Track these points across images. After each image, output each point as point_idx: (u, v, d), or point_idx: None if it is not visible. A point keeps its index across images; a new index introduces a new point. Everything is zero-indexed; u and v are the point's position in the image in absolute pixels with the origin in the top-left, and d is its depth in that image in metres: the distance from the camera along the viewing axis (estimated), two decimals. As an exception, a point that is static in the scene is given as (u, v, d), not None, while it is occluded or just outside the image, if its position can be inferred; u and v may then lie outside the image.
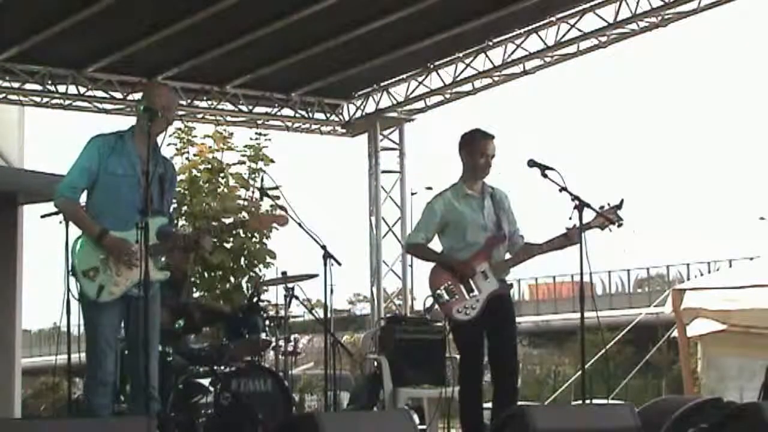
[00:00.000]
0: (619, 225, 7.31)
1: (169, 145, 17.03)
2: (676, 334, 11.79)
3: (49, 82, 12.75)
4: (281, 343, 9.12)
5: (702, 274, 28.27)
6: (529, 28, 12.35)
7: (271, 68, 12.90)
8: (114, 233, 6.01)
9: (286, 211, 7.25)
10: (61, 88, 12.86)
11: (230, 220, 17.01)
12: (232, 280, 17.13)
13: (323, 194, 62.30)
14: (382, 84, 13.92)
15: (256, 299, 9.06)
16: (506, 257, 7.44)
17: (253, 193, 17.31)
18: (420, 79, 13.60)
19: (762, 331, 10.77)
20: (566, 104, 74.09)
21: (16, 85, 12.68)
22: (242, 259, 17.11)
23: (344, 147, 16.44)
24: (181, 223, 16.28)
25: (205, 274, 16.92)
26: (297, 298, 9.09)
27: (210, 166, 17.59)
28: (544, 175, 7.05)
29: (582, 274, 6.90)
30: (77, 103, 13.07)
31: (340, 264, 7.73)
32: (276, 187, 7.62)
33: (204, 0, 10.86)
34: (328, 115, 14.49)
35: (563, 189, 6.95)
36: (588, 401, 7.09)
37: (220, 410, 8.11)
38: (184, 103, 13.58)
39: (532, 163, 7.16)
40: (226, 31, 11.76)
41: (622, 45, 12.17)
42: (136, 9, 11.07)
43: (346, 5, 11.06)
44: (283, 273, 9.18)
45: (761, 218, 35.25)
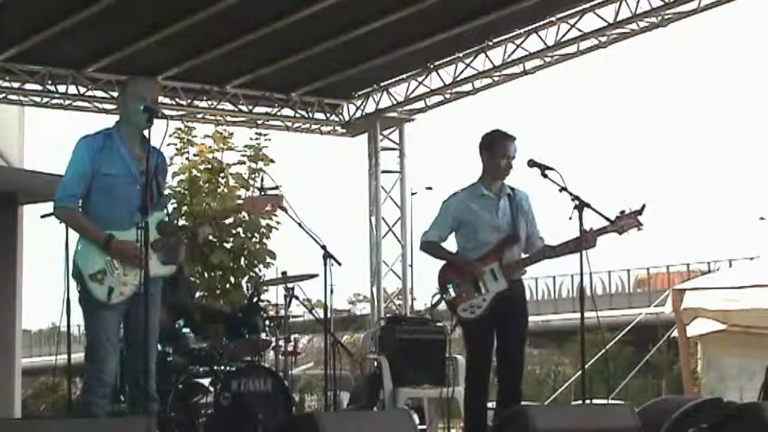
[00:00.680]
0: (639, 229, 7.28)
1: (169, 145, 17.06)
2: (676, 334, 11.79)
3: (49, 82, 12.75)
4: (281, 343, 9.11)
5: (702, 274, 28.24)
6: (529, 28, 12.36)
7: (271, 68, 12.91)
8: (115, 233, 5.97)
9: (287, 211, 7.25)
10: (61, 88, 12.87)
11: (230, 220, 17.06)
12: (232, 280, 17.14)
13: (323, 194, 62.30)
14: (382, 84, 13.92)
15: (256, 299, 9.05)
16: (523, 256, 7.42)
17: (253, 193, 17.30)
18: (420, 79, 13.61)
19: (762, 331, 10.77)
20: (566, 104, 74.16)
21: (16, 85, 12.69)
22: (242, 259, 17.12)
23: (344, 147, 16.46)
24: (182, 222, 16.27)
25: (205, 274, 16.93)
26: (297, 298, 9.08)
27: (210, 166, 17.60)
28: (544, 175, 7.05)
29: (582, 274, 6.90)
30: (77, 103, 13.08)
31: (340, 264, 7.74)
32: (276, 187, 7.62)
33: (204, 0, 10.87)
34: (328, 115, 14.49)
35: (563, 189, 6.95)
36: (588, 401, 7.09)
37: (220, 410, 8.10)
38: (184, 103, 13.59)
39: (532, 163, 7.16)
40: (226, 31, 11.77)
41: (622, 45, 12.21)
42: (136, 9, 11.07)
43: (346, 5, 11.06)
44: (283, 273, 9.17)
45: (761, 218, 35.27)
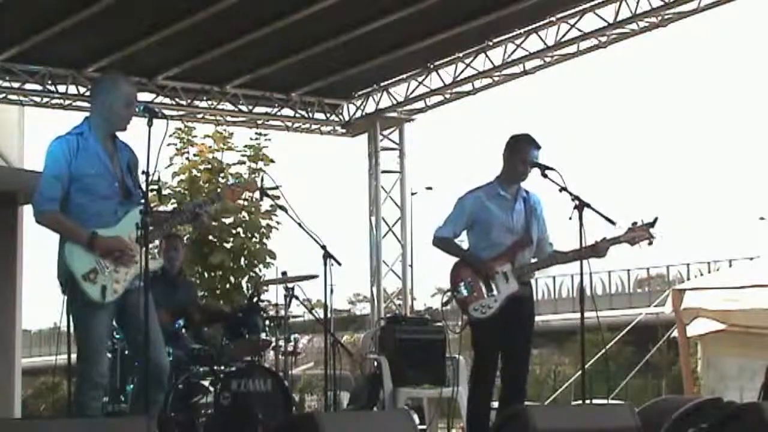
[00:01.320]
0: (650, 243, 7.31)
1: (169, 145, 17.05)
2: (676, 334, 11.79)
3: (49, 82, 12.75)
4: (281, 343, 9.11)
5: (702, 274, 28.25)
6: (529, 28, 12.36)
7: (271, 68, 12.90)
8: (101, 231, 5.89)
9: (287, 211, 7.24)
10: (61, 88, 12.86)
11: (230, 220, 17.07)
12: (232, 280, 17.13)
13: (323, 194, 62.33)
14: (382, 84, 13.92)
15: (256, 299, 9.05)
16: (533, 260, 7.44)
17: (253, 193, 17.29)
18: (420, 79, 13.61)
19: (762, 331, 10.77)
20: (566, 104, 74.16)
21: (16, 85, 12.68)
22: (242, 259, 17.12)
23: (344, 147, 16.46)
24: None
25: (205, 274, 16.92)
26: (297, 298, 9.07)
27: (210, 166, 17.59)
28: (545, 175, 7.07)
29: (582, 274, 6.91)
30: (77, 103, 13.06)
31: (340, 264, 7.73)
32: (276, 187, 7.60)
33: (204, 0, 10.87)
34: (328, 115, 14.49)
35: (563, 189, 6.96)
36: (588, 401, 7.09)
37: (220, 410, 8.10)
38: (184, 103, 13.59)
39: (533, 164, 7.16)
40: (226, 31, 11.77)
41: (622, 45, 12.21)
42: (136, 9, 11.07)
43: (346, 5, 11.06)
44: (283, 273, 9.17)
45: (761, 218, 35.24)
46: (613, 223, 7.25)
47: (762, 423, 6.09)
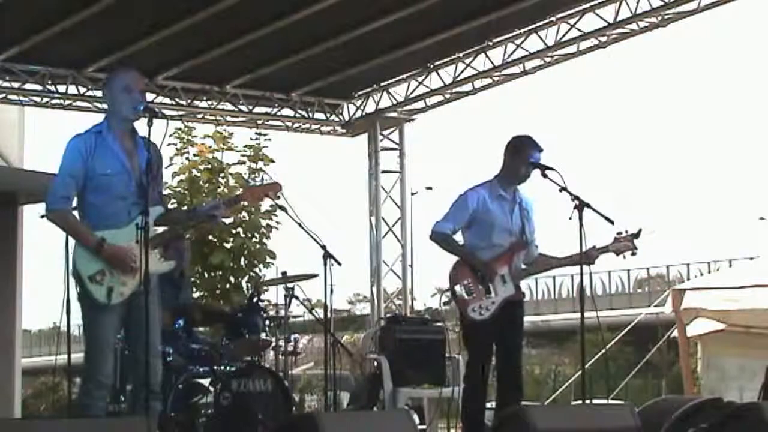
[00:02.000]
0: (633, 254, 7.34)
1: (169, 145, 17.04)
2: (676, 334, 11.80)
3: (49, 82, 12.76)
4: (281, 343, 9.10)
5: (702, 274, 28.25)
6: (529, 28, 12.37)
7: (271, 68, 12.91)
8: (112, 231, 5.87)
9: (286, 211, 7.24)
10: (61, 88, 12.87)
11: (230, 220, 17.06)
12: (232, 280, 17.12)
13: (323, 194, 62.32)
14: (382, 84, 13.93)
15: (256, 299, 9.05)
16: (523, 265, 7.47)
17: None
18: (420, 79, 13.62)
19: (762, 331, 10.79)
20: (566, 104, 74.16)
21: (16, 85, 12.69)
22: (242, 259, 17.10)
23: (344, 147, 16.45)
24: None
25: (205, 274, 16.91)
26: (297, 298, 9.07)
27: (210, 166, 17.57)
28: (545, 175, 7.07)
29: (582, 274, 6.91)
30: (77, 103, 13.08)
31: (340, 264, 7.72)
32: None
33: (204, 0, 10.87)
34: (328, 115, 14.49)
35: (563, 189, 6.96)
36: (588, 401, 7.09)
37: (220, 410, 8.10)
38: (184, 103, 13.59)
39: (533, 164, 7.16)
40: (226, 31, 11.77)
41: (622, 45, 12.21)
42: (136, 9, 11.07)
43: (346, 5, 11.07)
44: (283, 273, 9.16)
45: (761, 218, 35.22)
46: (613, 223, 7.26)
47: (762, 423, 6.10)
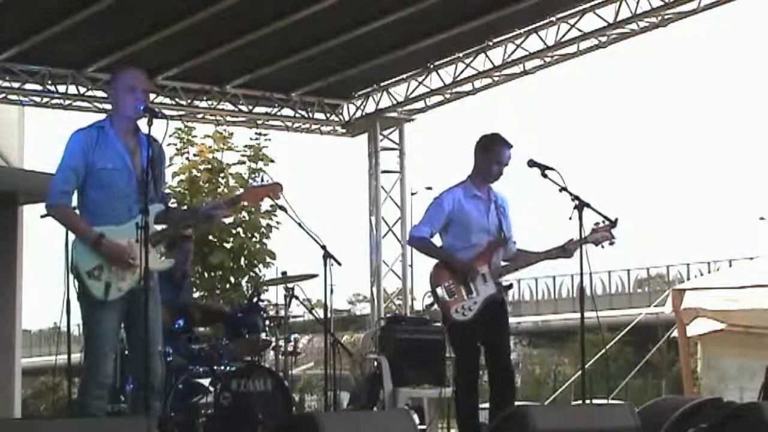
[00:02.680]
0: (612, 243, 7.35)
1: (169, 145, 17.06)
2: (676, 334, 11.80)
3: (49, 82, 12.76)
4: (281, 343, 9.11)
5: (702, 274, 28.25)
6: (529, 28, 12.36)
7: (271, 68, 12.91)
8: (112, 228, 5.86)
9: (286, 211, 7.23)
10: (61, 88, 12.87)
11: (230, 220, 17.07)
12: (232, 280, 17.14)
13: (323, 194, 62.31)
14: (382, 84, 13.93)
15: (256, 299, 9.05)
16: (502, 263, 7.49)
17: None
18: (420, 79, 13.61)
19: (762, 331, 10.79)
20: (566, 104, 74.17)
21: (16, 85, 12.69)
22: (242, 259, 17.13)
23: (344, 147, 16.44)
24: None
25: (205, 274, 16.93)
26: (297, 298, 9.07)
27: (210, 166, 17.61)
28: (544, 175, 7.07)
29: (582, 274, 6.91)
30: (77, 103, 13.08)
31: (340, 264, 7.72)
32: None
33: (204, 0, 10.87)
34: (328, 115, 14.49)
35: (563, 189, 6.97)
36: (588, 401, 7.09)
37: (220, 410, 8.10)
38: (184, 103, 13.60)
39: (532, 163, 7.17)
40: (226, 31, 11.77)
41: (622, 45, 12.21)
42: (136, 9, 11.08)
43: (346, 5, 11.07)
44: (283, 273, 9.16)
45: (761, 218, 35.20)
46: (613, 222, 7.26)
47: (762, 423, 6.10)
